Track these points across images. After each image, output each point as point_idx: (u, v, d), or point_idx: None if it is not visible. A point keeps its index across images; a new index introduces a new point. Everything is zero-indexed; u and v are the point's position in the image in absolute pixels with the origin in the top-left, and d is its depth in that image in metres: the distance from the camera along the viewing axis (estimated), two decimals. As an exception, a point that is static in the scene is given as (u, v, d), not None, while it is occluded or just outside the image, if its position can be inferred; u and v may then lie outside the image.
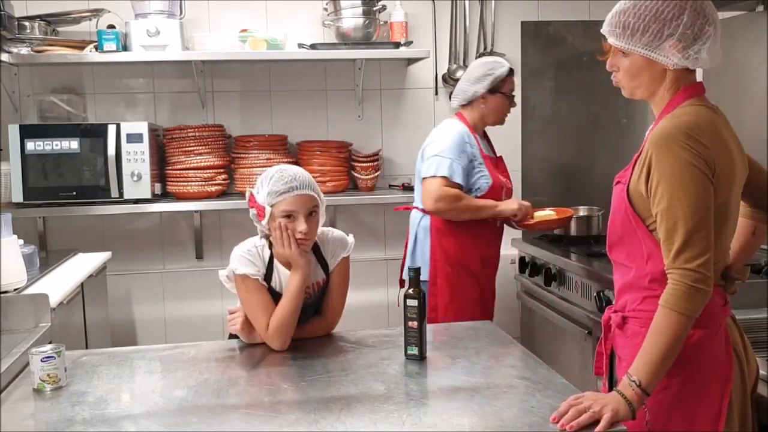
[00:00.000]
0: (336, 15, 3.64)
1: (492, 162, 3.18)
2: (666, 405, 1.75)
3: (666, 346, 1.65)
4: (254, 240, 2.25)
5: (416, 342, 2.03)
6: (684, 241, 1.65)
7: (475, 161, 3.08)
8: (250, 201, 2.20)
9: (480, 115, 3.16)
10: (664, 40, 1.74)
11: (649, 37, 1.74)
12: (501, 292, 3.98)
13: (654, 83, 1.80)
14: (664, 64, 1.76)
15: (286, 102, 3.86)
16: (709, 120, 1.74)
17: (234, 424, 1.67)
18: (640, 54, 1.77)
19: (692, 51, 1.73)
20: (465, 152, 3.05)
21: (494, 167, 3.17)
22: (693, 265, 1.64)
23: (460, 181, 3.02)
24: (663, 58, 1.75)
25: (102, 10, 3.52)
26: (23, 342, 2.23)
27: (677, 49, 1.73)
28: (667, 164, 1.68)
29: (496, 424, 1.62)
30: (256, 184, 2.21)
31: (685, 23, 1.72)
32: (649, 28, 1.74)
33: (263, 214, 2.15)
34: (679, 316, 1.64)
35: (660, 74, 1.78)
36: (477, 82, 3.11)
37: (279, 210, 2.14)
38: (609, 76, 1.91)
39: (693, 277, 1.64)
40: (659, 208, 1.69)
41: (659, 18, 1.73)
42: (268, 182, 2.16)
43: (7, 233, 2.52)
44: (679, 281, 1.65)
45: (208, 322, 3.78)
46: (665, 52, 1.74)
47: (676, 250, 1.66)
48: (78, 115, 3.65)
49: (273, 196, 2.14)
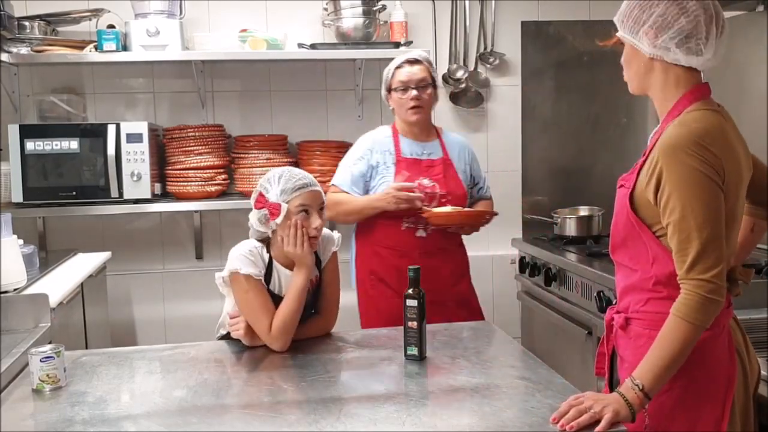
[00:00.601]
0: (336, 15, 3.64)
1: (415, 164, 2.94)
2: (669, 407, 1.75)
3: (673, 354, 1.65)
4: (251, 242, 2.25)
5: (416, 342, 2.04)
6: (698, 253, 1.64)
7: (380, 166, 2.92)
8: (258, 202, 2.19)
9: (398, 116, 3.00)
10: (641, 26, 1.75)
11: (631, 22, 1.77)
12: (501, 292, 4.01)
13: (643, 74, 1.80)
14: (643, 53, 1.77)
15: (286, 102, 3.86)
16: (717, 126, 1.73)
17: (234, 424, 1.67)
18: (627, 41, 1.79)
19: (660, 40, 1.73)
20: (363, 158, 2.93)
21: (418, 170, 2.92)
22: (707, 276, 1.64)
23: (347, 188, 2.91)
24: (639, 45, 1.76)
25: (102, 10, 3.52)
26: (23, 342, 2.23)
27: (649, 36, 1.74)
28: (678, 174, 1.67)
29: (496, 424, 1.62)
30: (259, 188, 2.21)
31: (659, 12, 1.73)
32: (633, 13, 1.76)
33: (277, 213, 2.15)
34: (690, 325, 1.64)
35: (646, 64, 1.78)
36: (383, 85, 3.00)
37: (295, 205, 2.16)
38: (609, 76, 1.91)
39: (708, 288, 1.64)
40: (671, 219, 1.68)
41: (641, 5, 1.75)
42: (277, 181, 2.18)
43: (7, 233, 2.52)
44: (694, 292, 1.64)
45: (208, 322, 3.74)
46: (640, 38, 1.76)
47: (690, 261, 1.65)
48: (78, 115, 3.64)
49: (288, 193, 2.16)
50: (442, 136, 3.05)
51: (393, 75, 2.93)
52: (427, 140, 3.00)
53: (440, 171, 2.96)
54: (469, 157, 3.08)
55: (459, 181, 2.99)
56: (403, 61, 2.93)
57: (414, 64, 2.92)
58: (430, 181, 2.92)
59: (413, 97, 2.89)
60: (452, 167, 2.99)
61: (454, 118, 3.97)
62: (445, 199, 2.92)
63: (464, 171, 3.03)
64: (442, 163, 2.98)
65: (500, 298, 4.00)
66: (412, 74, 2.90)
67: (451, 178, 2.97)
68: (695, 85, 1.78)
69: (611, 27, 1.86)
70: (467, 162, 3.06)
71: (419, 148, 2.98)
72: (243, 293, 2.18)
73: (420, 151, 2.97)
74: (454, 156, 3.01)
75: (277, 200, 2.16)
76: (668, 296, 1.71)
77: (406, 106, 2.90)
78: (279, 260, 2.23)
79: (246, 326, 2.19)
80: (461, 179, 3.00)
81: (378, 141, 2.98)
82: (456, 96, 3.95)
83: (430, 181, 2.92)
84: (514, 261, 3.95)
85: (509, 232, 4.00)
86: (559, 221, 3.74)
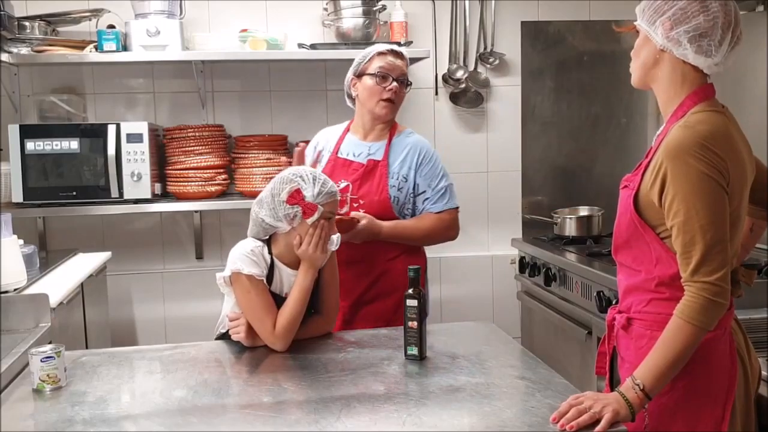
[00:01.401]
0: (336, 15, 3.64)
1: (344, 166, 2.70)
2: (670, 407, 1.75)
3: (675, 356, 1.65)
4: (252, 242, 2.23)
5: (416, 342, 2.04)
6: (703, 255, 1.64)
7: (317, 165, 2.74)
8: (293, 198, 2.15)
9: (360, 107, 2.74)
10: (659, 16, 1.75)
11: (651, 11, 1.77)
12: (501, 292, 4.01)
13: (652, 68, 1.80)
14: (655, 43, 1.77)
15: (286, 102, 3.86)
16: (722, 128, 1.72)
17: (234, 424, 1.67)
18: (642, 29, 1.79)
19: (674, 33, 1.73)
20: (308, 157, 2.79)
21: (343, 172, 2.69)
22: (712, 279, 1.64)
23: None
24: (653, 34, 1.76)
25: (102, 10, 3.52)
26: (23, 342, 2.23)
27: (664, 26, 1.74)
28: (683, 176, 1.67)
29: (496, 424, 1.62)
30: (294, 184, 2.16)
31: (681, 5, 1.73)
32: (655, 4, 1.76)
33: (311, 213, 2.15)
34: (693, 327, 1.64)
35: (654, 55, 1.78)
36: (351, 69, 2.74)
37: (327, 210, 2.18)
38: (609, 76, 1.92)
39: (712, 291, 1.64)
40: (675, 221, 1.68)
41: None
42: (313, 182, 2.17)
43: (7, 233, 2.52)
44: (698, 294, 1.64)
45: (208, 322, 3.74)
46: (655, 28, 1.76)
47: (695, 264, 1.65)
48: (78, 115, 3.65)
49: (325, 196, 2.17)
50: (395, 137, 2.74)
51: (372, 59, 2.68)
52: (376, 140, 2.74)
53: (361, 174, 2.67)
54: (419, 161, 2.71)
55: (384, 186, 2.66)
56: (387, 49, 2.71)
57: (398, 58, 2.70)
58: (347, 183, 2.68)
59: (393, 88, 2.66)
60: (384, 171, 2.67)
61: (454, 118, 3.97)
62: (356, 203, 2.65)
63: (403, 176, 2.68)
64: (372, 166, 2.68)
65: (500, 298, 4.00)
66: (395, 65, 2.68)
67: (374, 182, 2.66)
68: (700, 86, 1.78)
69: (611, 27, 1.86)
70: (412, 167, 2.69)
71: (360, 148, 2.73)
72: (245, 293, 2.17)
73: (359, 151, 2.72)
74: (395, 159, 2.70)
75: (313, 201, 2.15)
76: (671, 297, 1.72)
77: (381, 96, 2.65)
78: (282, 259, 2.23)
79: (246, 328, 2.19)
80: (388, 184, 2.66)
81: (327, 136, 2.84)
82: (456, 96, 3.95)
83: (347, 183, 2.68)
84: (514, 261, 3.95)
85: (509, 232, 4.01)
86: (559, 221, 3.74)
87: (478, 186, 4.00)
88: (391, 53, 2.69)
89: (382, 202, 2.65)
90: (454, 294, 3.95)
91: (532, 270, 3.66)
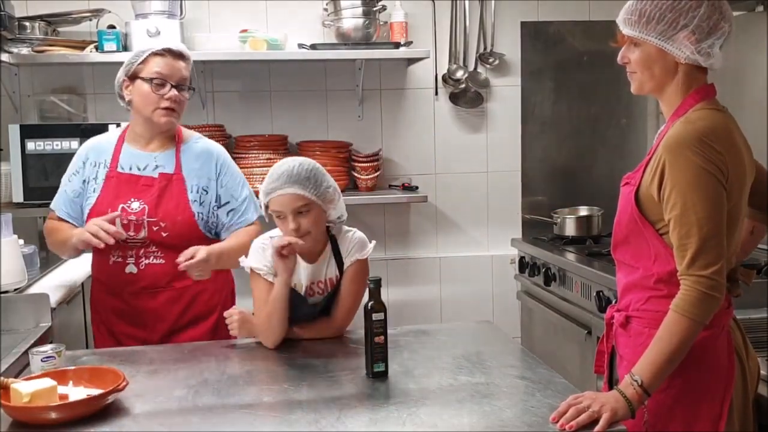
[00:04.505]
0: (336, 15, 3.64)
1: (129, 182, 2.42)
2: (667, 405, 1.76)
3: (673, 350, 1.65)
4: (268, 234, 2.26)
5: (383, 357, 1.93)
6: (698, 248, 1.65)
7: (90, 182, 2.46)
8: None
9: (135, 114, 2.45)
10: (678, 31, 1.72)
11: (664, 26, 1.73)
12: (501, 292, 4.01)
13: (665, 77, 1.78)
14: (675, 57, 1.75)
15: (286, 102, 3.86)
16: (723, 125, 1.73)
17: (234, 424, 1.67)
18: (653, 44, 1.75)
19: (705, 45, 1.73)
20: (78, 173, 2.50)
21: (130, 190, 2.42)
22: (707, 272, 1.64)
23: (62, 214, 2.50)
24: (675, 50, 1.74)
25: (102, 10, 3.52)
26: (23, 342, 2.23)
27: (690, 41, 1.72)
28: (681, 170, 1.67)
29: (496, 424, 1.62)
30: None
31: (701, 15, 1.72)
32: (665, 17, 1.73)
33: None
34: (689, 321, 1.65)
35: (671, 67, 1.77)
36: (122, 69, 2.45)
37: (271, 209, 2.17)
38: (609, 77, 1.92)
39: (707, 284, 1.64)
40: (672, 214, 1.69)
41: (676, 8, 1.72)
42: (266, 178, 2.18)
43: (7, 233, 2.52)
44: (693, 288, 1.65)
45: (208, 322, 3.77)
46: (678, 44, 1.73)
47: (690, 257, 1.66)
48: (78, 115, 3.64)
49: (264, 194, 2.17)
50: (183, 144, 2.50)
51: (146, 61, 2.39)
52: (160, 150, 2.46)
53: (157, 192, 2.40)
54: (217, 170, 2.49)
55: (185, 202, 2.41)
56: (163, 48, 2.41)
57: (179, 59, 2.42)
58: (141, 204, 2.39)
59: (172, 97, 2.38)
60: (181, 185, 2.42)
61: (453, 118, 3.97)
62: (156, 226, 2.37)
63: (202, 188, 2.45)
64: (166, 181, 2.42)
65: (500, 298, 4.00)
66: (174, 69, 2.40)
67: (172, 199, 2.41)
68: (701, 85, 1.79)
69: (611, 27, 1.85)
70: (212, 177, 2.48)
71: (145, 160, 2.44)
72: (251, 284, 2.23)
73: (144, 163, 2.43)
74: (191, 170, 2.45)
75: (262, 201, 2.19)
76: (669, 294, 1.72)
77: (159, 105, 2.37)
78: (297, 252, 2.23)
79: (239, 322, 2.23)
80: (189, 200, 2.42)
81: (97, 148, 2.50)
82: (456, 96, 3.95)
83: (141, 204, 2.39)
84: (514, 261, 3.95)
85: (509, 232, 4.01)
86: (559, 221, 3.75)
87: (477, 186, 4.01)
88: (169, 54, 2.41)
89: (186, 221, 2.41)
90: (454, 294, 3.96)
91: (531, 270, 3.66)
